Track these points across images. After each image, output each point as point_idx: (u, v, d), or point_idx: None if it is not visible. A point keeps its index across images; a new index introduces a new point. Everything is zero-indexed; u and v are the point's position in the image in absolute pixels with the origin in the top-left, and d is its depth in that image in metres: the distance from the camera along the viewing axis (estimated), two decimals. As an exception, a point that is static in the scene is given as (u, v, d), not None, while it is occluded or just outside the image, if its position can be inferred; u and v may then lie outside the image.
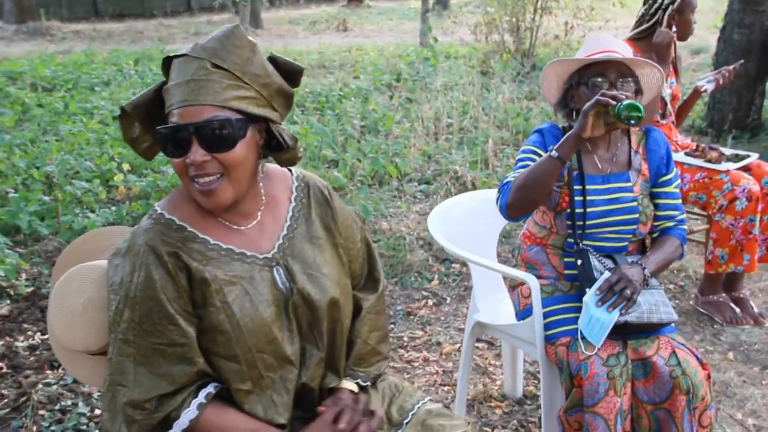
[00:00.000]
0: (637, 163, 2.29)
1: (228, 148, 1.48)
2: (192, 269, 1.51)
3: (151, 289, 1.49)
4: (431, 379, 3.11)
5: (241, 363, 1.54)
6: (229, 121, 1.46)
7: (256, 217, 1.63)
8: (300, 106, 7.60)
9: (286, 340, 1.59)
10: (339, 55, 11.16)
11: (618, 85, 2.16)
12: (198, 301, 1.52)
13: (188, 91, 1.46)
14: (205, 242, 1.55)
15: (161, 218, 1.55)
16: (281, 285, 1.60)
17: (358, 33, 15.82)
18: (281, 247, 1.63)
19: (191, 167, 1.48)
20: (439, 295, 3.89)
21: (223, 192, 1.50)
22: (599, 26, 10.10)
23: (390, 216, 4.87)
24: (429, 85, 8.28)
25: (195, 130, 1.45)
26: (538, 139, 2.29)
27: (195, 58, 1.48)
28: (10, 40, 14.96)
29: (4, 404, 2.90)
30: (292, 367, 1.60)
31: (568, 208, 2.22)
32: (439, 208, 2.73)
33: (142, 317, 1.49)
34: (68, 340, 1.70)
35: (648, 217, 2.25)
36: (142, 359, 1.49)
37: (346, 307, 1.70)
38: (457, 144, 6.28)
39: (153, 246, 1.51)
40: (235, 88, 1.49)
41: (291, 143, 1.63)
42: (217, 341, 1.53)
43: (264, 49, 7.18)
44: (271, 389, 1.58)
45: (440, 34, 12.39)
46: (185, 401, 1.51)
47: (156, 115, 1.54)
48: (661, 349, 2.11)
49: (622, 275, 2.10)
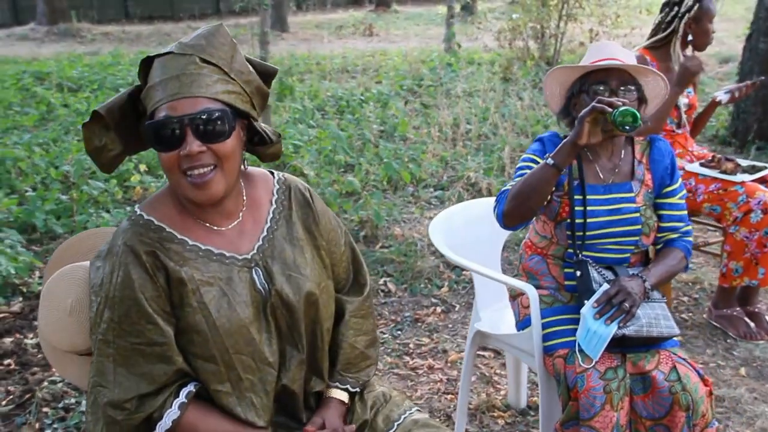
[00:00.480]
0: (641, 174, 2.25)
1: (223, 138, 1.50)
2: (169, 269, 1.52)
3: (130, 288, 1.49)
4: (435, 387, 3.08)
5: (218, 364, 1.54)
6: (224, 112, 1.49)
7: (237, 218, 1.63)
8: (320, 110, 7.62)
9: (265, 341, 1.58)
10: (362, 60, 11.16)
11: (620, 93, 2.13)
12: (175, 301, 1.53)
13: (179, 84, 1.47)
14: (183, 243, 1.56)
15: (140, 219, 1.56)
16: (260, 286, 1.60)
17: (384, 38, 15.82)
18: (260, 248, 1.63)
19: (185, 160, 1.48)
20: (448, 303, 3.86)
21: (216, 184, 1.51)
22: (624, 33, 10.00)
23: (403, 222, 4.85)
24: (450, 90, 8.25)
25: (190, 122, 1.46)
26: (538, 147, 2.26)
27: (182, 54, 1.50)
28: (42, 41, 15.20)
29: (9, 401, 2.93)
30: (271, 369, 1.59)
31: (568, 218, 2.19)
32: (443, 215, 2.71)
33: (121, 317, 1.50)
34: (56, 340, 1.70)
35: (651, 229, 2.21)
36: (122, 359, 1.50)
37: (326, 309, 1.69)
38: (475, 150, 6.24)
39: (131, 246, 1.51)
40: (224, 82, 1.51)
41: (274, 138, 1.66)
42: (195, 342, 1.53)
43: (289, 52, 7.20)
44: (251, 391, 1.57)
45: (465, 40, 12.35)
46: (167, 401, 1.51)
47: (127, 120, 1.56)
48: (661, 363, 2.06)
49: (621, 287, 2.06)
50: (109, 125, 1.54)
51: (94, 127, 1.54)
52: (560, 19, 9.72)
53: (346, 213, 4.78)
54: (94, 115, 1.53)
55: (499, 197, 2.18)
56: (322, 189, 4.94)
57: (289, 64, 10.62)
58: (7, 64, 10.78)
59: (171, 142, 1.47)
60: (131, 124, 1.57)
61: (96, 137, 1.54)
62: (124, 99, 1.56)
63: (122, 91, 1.59)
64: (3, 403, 2.92)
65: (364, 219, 4.66)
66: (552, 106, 2.34)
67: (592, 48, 2.24)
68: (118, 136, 1.56)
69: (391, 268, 4.19)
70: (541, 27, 9.83)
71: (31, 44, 14.48)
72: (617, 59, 2.16)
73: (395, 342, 3.46)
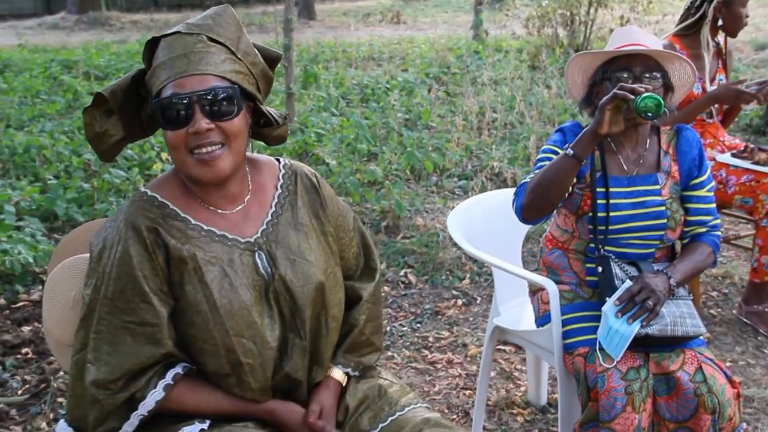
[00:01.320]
0: (667, 165, 2.15)
1: (231, 116, 1.48)
2: (170, 247, 1.49)
3: (127, 264, 1.47)
4: (453, 382, 3.02)
5: (218, 346, 1.50)
6: (232, 89, 1.48)
7: (241, 202, 1.60)
8: (345, 98, 7.56)
9: (267, 325, 1.55)
10: (389, 48, 11.06)
11: (644, 80, 2.03)
12: (175, 280, 1.50)
13: (188, 62, 1.46)
14: (186, 221, 1.53)
15: (144, 195, 1.54)
16: (262, 270, 1.56)
17: (412, 25, 15.67)
18: (264, 232, 1.60)
19: (192, 138, 1.46)
20: (470, 295, 3.79)
21: (223, 161, 1.49)
22: (656, 20, 9.78)
23: (426, 212, 4.78)
24: (477, 78, 8.13)
25: (198, 99, 1.44)
26: (559, 138, 2.17)
27: (189, 34, 1.49)
28: (71, 29, 15.31)
29: (25, 390, 2.92)
30: (273, 354, 1.55)
31: (590, 212, 2.10)
32: (463, 206, 2.64)
33: (115, 293, 1.47)
34: (59, 333, 1.67)
35: (677, 223, 2.11)
36: (110, 336, 1.47)
37: (333, 296, 1.65)
38: (501, 139, 6.14)
39: (132, 221, 1.49)
40: (231, 62, 1.50)
41: (281, 120, 1.64)
42: (194, 323, 1.50)
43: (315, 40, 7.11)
44: (250, 375, 1.54)
45: (493, 28, 12.18)
46: (151, 381, 1.48)
47: (130, 104, 1.53)
48: (687, 363, 1.98)
49: (644, 284, 1.97)
50: (111, 110, 1.52)
51: (95, 113, 1.52)
52: (590, 6, 9.51)
53: (368, 202, 4.73)
54: (97, 97, 1.50)
55: (517, 190, 2.10)
56: (344, 178, 4.88)
57: (315, 52, 10.57)
58: (37, 52, 10.86)
59: (178, 120, 1.46)
60: (134, 108, 1.55)
61: (97, 123, 1.52)
62: (127, 82, 1.53)
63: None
64: (19, 392, 2.92)
65: (386, 209, 4.60)
66: (574, 94, 2.25)
67: (616, 33, 2.14)
68: (120, 121, 1.53)
69: (412, 260, 4.13)
70: (570, 13, 9.62)
71: (61, 33, 14.59)
72: (642, 45, 2.06)
73: (414, 335, 3.40)
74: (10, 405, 2.84)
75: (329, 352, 1.67)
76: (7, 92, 7.61)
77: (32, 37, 13.41)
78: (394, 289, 3.85)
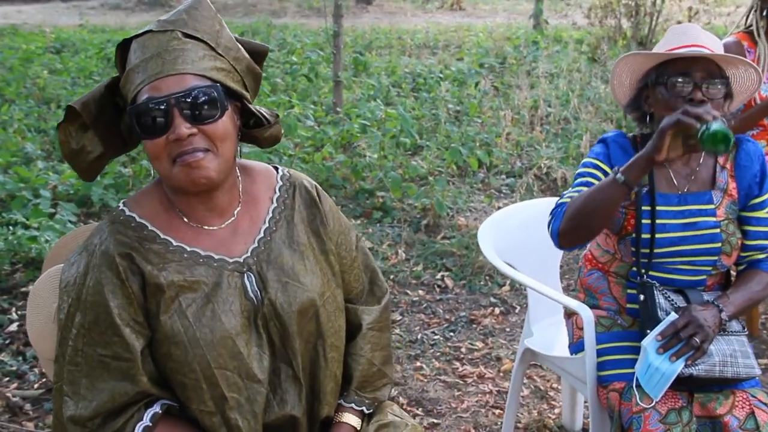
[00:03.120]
0: (723, 182, 1.91)
1: (215, 119, 1.33)
2: (145, 274, 1.34)
3: (100, 294, 1.33)
4: (483, 400, 2.84)
5: (199, 380, 1.36)
6: (214, 88, 1.32)
7: (230, 216, 1.45)
8: (396, 87, 7.37)
9: (254, 356, 1.39)
10: (445, 35, 10.81)
11: (703, 88, 1.79)
12: (152, 309, 1.36)
13: (162, 62, 1.30)
14: (166, 243, 1.38)
15: (120, 215, 1.40)
16: (251, 293, 1.41)
17: (471, 12, 15.36)
18: (255, 251, 1.44)
19: (174, 145, 1.31)
20: (508, 303, 3.59)
21: (210, 167, 1.33)
22: (728, 12, 9.30)
23: (469, 211, 4.58)
24: (533, 70, 7.84)
25: (177, 101, 1.29)
26: (602, 150, 1.95)
27: (162, 31, 1.33)
28: (132, 11, 15.47)
29: (42, 383, 2.86)
30: (261, 388, 1.40)
31: (633, 232, 1.88)
32: (497, 215, 2.45)
33: (90, 323, 1.34)
34: (41, 346, 1.56)
35: (733, 247, 1.88)
36: (88, 369, 1.34)
37: (331, 323, 1.49)
38: (554, 136, 5.88)
39: (106, 248, 1.35)
40: (211, 58, 1.35)
41: (272, 119, 1.48)
42: (173, 355, 1.35)
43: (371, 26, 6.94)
44: (236, 412, 1.38)
45: (555, 17, 11.80)
46: (128, 422, 1.34)
47: (105, 116, 1.38)
48: (737, 407, 1.76)
49: (691, 318, 1.75)
50: (86, 124, 1.36)
51: (70, 128, 1.37)
52: (657, -4, 9.09)
53: (409, 199, 4.55)
54: (69, 110, 1.35)
55: (554, 211, 1.88)
56: (385, 172, 4.71)
57: (369, 38, 10.40)
58: (95, 33, 10.97)
59: (156, 127, 1.30)
60: (110, 120, 1.39)
61: (72, 140, 1.37)
62: (101, 91, 1.38)
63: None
64: (36, 386, 2.86)
65: (427, 206, 4.42)
66: (618, 97, 2.01)
67: (672, 32, 1.90)
68: (96, 135, 1.38)
69: (450, 262, 3.94)
70: (636, 4, 9.20)
71: (121, 14, 14.75)
72: (703, 46, 1.82)
73: (446, 344, 3.22)
74: (25, 399, 2.78)
75: (330, 385, 1.50)
76: (61, 72, 7.66)
77: (94, 17, 13.60)
78: (429, 293, 3.68)
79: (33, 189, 4.21)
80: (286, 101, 6.36)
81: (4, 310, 3.31)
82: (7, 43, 9.59)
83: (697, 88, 1.80)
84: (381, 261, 3.89)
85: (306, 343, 1.45)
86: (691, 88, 1.80)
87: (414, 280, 3.78)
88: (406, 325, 3.37)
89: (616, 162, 1.88)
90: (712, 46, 1.84)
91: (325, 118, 5.98)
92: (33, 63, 8.01)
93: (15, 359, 3.00)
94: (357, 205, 4.61)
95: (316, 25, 11.34)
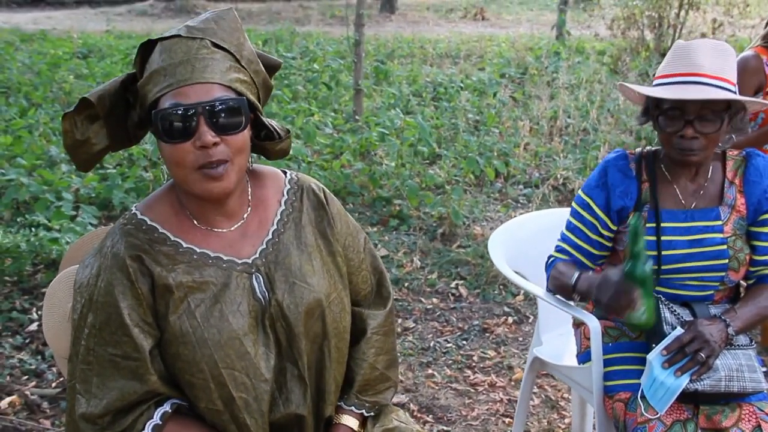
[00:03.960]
0: (731, 197, 1.89)
1: (239, 130, 1.36)
2: (155, 275, 1.38)
3: (110, 295, 1.37)
4: (493, 408, 2.85)
5: (208, 380, 1.39)
6: (240, 101, 1.35)
7: (240, 219, 1.48)
8: (417, 96, 7.41)
9: (261, 356, 1.42)
10: (467, 45, 10.84)
11: (696, 124, 1.74)
12: (161, 310, 1.39)
13: (192, 69, 1.32)
14: (176, 245, 1.41)
15: (133, 218, 1.43)
16: (259, 294, 1.44)
17: (494, 22, 15.38)
18: (263, 252, 1.47)
19: (200, 154, 1.33)
20: (522, 313, 3.60)
21: (229, 178, 1.37)
22: (753, 25, 9.23)
23: (485, 220, 4.60)
24: (553, 81, 7.84)
25: (204, 110, 1.32)
26: (598, 181, 1.92)
27: (191, 38, 1.35)
28: (158, 17, 15.69)
29: (59, 382, 2.92)
30: (267, 387, 1.43)
31: None
32: (508, 225, 2.46)
33: (102, 324, 1.38)
34: (56, 345, 1.60)
35: (741, 263, 1.87)
36: (99, 369, 1.38)
37: (336, 324, 1.51)
38: (573, 147, 5.87)
39: (117, 250, 1.39)
40: (236, 70, 1.38)
41: (283, 133, 1.51)
42: (181, 355, 1.38)
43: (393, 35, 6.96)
44: (244, 411, 1.41)
45: (578, 28, 11.79)
46: (138, 420, 1.38)
47: (117, 111, 1.41)
48: (743, 420, 1.76)
49: (697, 333, 1.75)
50: (94, 116, 1.39)
51: (77, 119, 1.38)
52: (681, 8, 9.07)
53: (426, 207, 4.58)
54: (82, 102, 1.37)
55: (547, 263, 2.05)
56: (402, 181, 4.74)
57: (392, 47, 10.45)
58: (122, 39, 11.14)
59: (181, 133, 1.32)
60: (121, 115, 1.42)
61: (77, 130, 1.38)
62: (116, 87, 1.40)
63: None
64: (53, 384, 2.92)
65: (443, 215, 4.44)
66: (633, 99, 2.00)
67: (674, 52, 1.82)
68: (105, 129, 1.40)
69: (465, 271, 3.96)
70: (659, 16, 9.20)
71: (147, 20, 14.95)
72: (701, 74, 1.74)
73: (458, 353, 3.24)
74: (43, 397, 2.84)
75: (334, 386, 1.53)
76: (86, 77, 7.78)
77: (120, 23, 13.81)
78: (443, 301, 3.69)
79: (56, 192, 4.28)
80: (306, 108, 6.42)
81: (24, 310, 3.38)
82: (36, 48, 9.76)
83: (689, 124, 1.75)
84: (396, 269, 3.92)
85: (312, 343, 1.48)
86: (683, 125, 1.76)
87: (428, 288, 3.80)
88: (419, 333, 3.39)
89: (613, 188, 1.89)
90: (716, 69, 1.75)
91: (344, 126, 6.03)
92: (60, 68, 8.15)
93: (34, 358, 3.06)
94: (374, 212, 4.64)
95: (339, 34, 11.42)
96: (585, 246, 1.96)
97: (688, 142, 1.76)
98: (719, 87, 1.74)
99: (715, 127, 1.76)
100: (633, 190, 1.88)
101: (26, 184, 4.27)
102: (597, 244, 1.95)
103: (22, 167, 4.58)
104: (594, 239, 1.95)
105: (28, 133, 5.40)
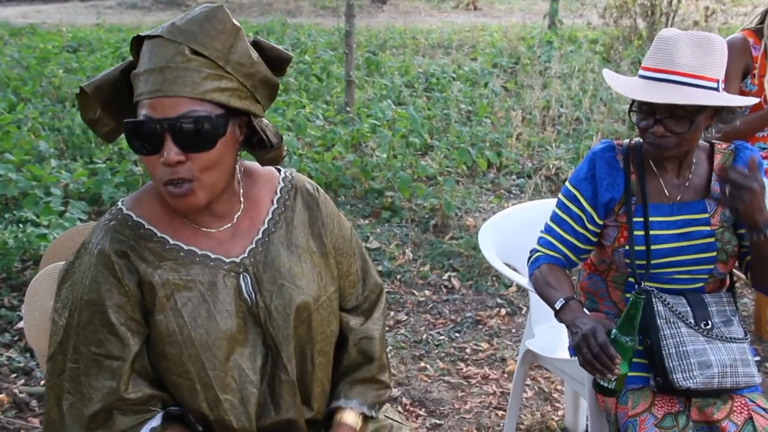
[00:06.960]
0: (718, 190, 1.84)
1: (206, 147, 1.31)
2: (141, 272, 1.35)
3: (96, 293, 1.34)
4: (486, 401, 2.83)
5: (194, 381, 1.36)
6: (209, 118, 1.29)
7: (230, 220, 1.45)
8: (409, 87, 7.37)
9: (248, 357, 1.40)
10: (459, 35, 10.78)
11: (667, 123, 1.70)
12: (149, 307, 1.36)
13: (162, 80, 1.28)
14: (163, 242, 1.38)
15: (118, 214, 1.40)
16: (246, 294, 1.41)
17: (487, 12, 15.31)
18: (252, 251, 1.44)
19: (164, 169, 1.30)
20: (515, 304, 3.58)
21: (195, 196, 1.33)
22: (745, 12, 9.18)
23: (478, 211, 4.57)
24: (546, 70, 7.81)
25: (169, 127, 1.27)
26: (587, 174, 1.89)
27: (171, 41, 1.30)
28: (149, 9, 15.57)
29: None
30: (254, 390, 1.40)
31: (626, 245, 1.85)
32: (497, 217, 2.45)
33: (85, 322, 1.35)
34: (38, 343, 1.57)
35: (729, 255, 1.84)
36: (85, 368, 1.35)
37: (323, 327, 1.48)
38: (566, 136, 5.85)
39: (102, 247, 1.36)
40: (216, 78, 1.31)
41: (275, 141, 1.46)
42: (167, 354, 1.36)
43: (385, 26, 6.91)
44: (231, 414, 1.39)
45: (570, 17, 11.74)
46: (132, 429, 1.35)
47: (119, 98, 1.37)
48: (735, 412, 1.75)
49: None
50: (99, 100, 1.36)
51: (85, 100, 1.36)
52: (673, -5, 9.02)
53: (418, 199, 4.55)
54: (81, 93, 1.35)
55: (530, 258, 2.01)
56: (394, 172, 4.71)
57: (384, 38, 10.39)
58: (112, 32, 11.05)
59: (147, 148, 1.30)
60: (127, 100, 1.36)
61: (91, 109, 1.36)
62: (115, 75, 1.36)
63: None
64: (42, 382, 2.89)
65: (435, 207, 4.42)
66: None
67: (655, 44, 1.75)
68: (108, 115, 1.38)
69: (458, 262, 3.94)
70: (651, 4, 9.14)
71: (138, 13, 14.83)
72: (677, 72, 1.68)
73: (451, 345, 3.22)
74: (32, 395, 2.81)
75: (317, 390, 1.50)
76: (76, 71, 7.72)
77: (111, 16, 13.69)
78: (435, 293, 3.67)
79: (45, 187, 4.24)
80: (297, 100, 6.38)
81: (13, 307, 3.34)
82: (26, 42, 9.68)
83: (659, 122, 1.71)
84: (388, 261, 3.90)
85: (296, 346, 1.45)
86: (653, 122, 1.72)
87: (421, 281, 3.78)
88: (411, 326, 3.37)
89: (600, 180, 1.86)
90: (695, 67, 1.68)
91: (335, 118, 5.99)
92: (49, 62, 8.07)
93: (23, 356, 3.03)
94: (366, 204, 4.62)
95: (330, 25, 11.35)
96: (570, 239, 1.93)
97: (659, 139, 1.73)
98: (694, 86, 1.68)
99: (686, 127, 1.71)
100: (620, 182, 1.85)
101: (15, 179, 4.23)
102: (582, 238, 1.92)
103: (11, 163, 4.54)
104: (580, 232, 1.92)
105: (16, 128, 5.34)
